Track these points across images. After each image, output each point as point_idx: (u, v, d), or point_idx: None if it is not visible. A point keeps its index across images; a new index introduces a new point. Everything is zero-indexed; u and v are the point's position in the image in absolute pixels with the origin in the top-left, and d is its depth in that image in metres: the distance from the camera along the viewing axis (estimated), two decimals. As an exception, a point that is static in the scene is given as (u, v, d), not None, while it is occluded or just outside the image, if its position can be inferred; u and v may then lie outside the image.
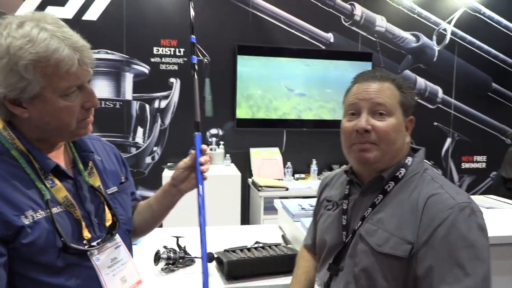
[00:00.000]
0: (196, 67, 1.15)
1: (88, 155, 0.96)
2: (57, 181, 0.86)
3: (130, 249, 1.01)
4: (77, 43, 0.81)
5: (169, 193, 1.10)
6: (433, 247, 0.83)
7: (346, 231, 1.01)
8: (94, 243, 0.89)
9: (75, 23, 3.48)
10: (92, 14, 3.57)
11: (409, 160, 0.97)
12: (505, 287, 1.87)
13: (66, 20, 0.87)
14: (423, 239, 0.85)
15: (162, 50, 3.74)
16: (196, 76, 1.15)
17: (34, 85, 0.78)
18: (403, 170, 0.95)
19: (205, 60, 1.21)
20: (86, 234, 0.87)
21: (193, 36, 1.18)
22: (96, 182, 0.95)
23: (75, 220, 0.86)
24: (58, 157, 0.91)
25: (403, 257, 0.86)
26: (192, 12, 1.22)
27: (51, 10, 3.46)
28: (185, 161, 1.07)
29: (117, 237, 0.95)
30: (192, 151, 1.08)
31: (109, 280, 0.89)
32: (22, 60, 0.76)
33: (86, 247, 0.87)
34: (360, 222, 0.97)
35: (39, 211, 0.80)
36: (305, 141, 4.07)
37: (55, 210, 0.83)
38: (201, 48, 1.02)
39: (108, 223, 0.94)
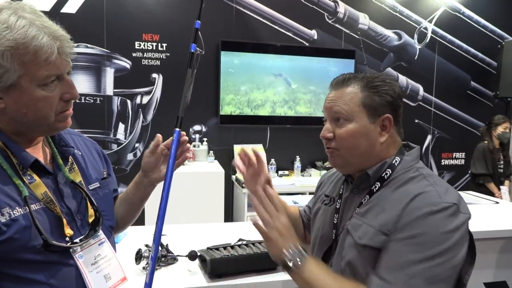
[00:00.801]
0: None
1: (67, 150, 0.93)
2: (36, 177, 0.83)
3: (113, 246, 0.99)
4: (57, 32, 0.80)
5: (141, 185, 1.08)
6: (402, 232, 0.84)
7: (336, 230, 1.01)
8: (77, 240, 0.86)
9: (53, 15, 3.29)
10: (71, 7, 3.47)
11: (396, 160, 0.96)
12: (485, 280, 1.92)
13: (43, 13, 0.85)
14: (398, 227, 0.85)
15: (144, 45, 3.67)
16: (191, 68, 1.11)
17: (11, 73, 0.76)
18: (389, 171, 0.95)
19: (199, 51, 1.16)
20: (68, 231, 0.85)
21: (199, 21, 1.11)
22: (77, 177, 0.93)
23: (56, 216, 0.83)
24: (36, 153, 0.88)
25: (379, 248, 0.86)
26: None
27: (28, 1, 3.34)
28: (150, 145, 1.05)
29: (101, 233, 0.93)
30: (158, 134, 1.05)
31: (93, 278, 0.87)
32: None
33: (68, 244, 0.84)
34: (348, 221, 0.97)
35: (17, 208, 0.78)
36: (288, 138, 4.08)
37: (33, 207, 0.80)
38: (201, 38, 0.98)
39: (91, 219, 0.91)
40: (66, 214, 0.86)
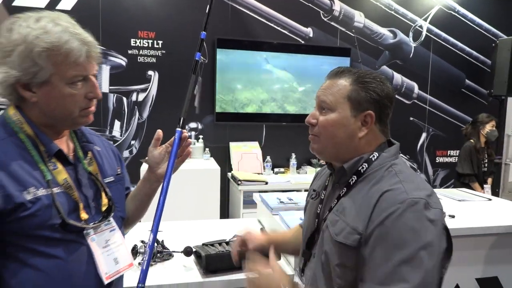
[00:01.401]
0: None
1: (88, 145, 1.05)
2: (58, 165, 0.94)
3: (123, 236, 1.08)
4: (87, 38, 0.92)
5: (147, 181, 1.16)
6: (376, 239, 0.85)
7: (318, 219, 1.05)
8: (91, 224, 0.96)
9: (49, 12, 3.36)
10: (66, 4, 3.46)
11: (374, 155, 0.97)
12: (477, 276, 1.95)
13: (39, 9, 0.90)
14: (370, 230, 0.86)
15: (140, 42, 3.67)
16: (195, 74, 1.19)
17: (45, 71, 0.87)
18: (365, 165, 0.97)
19: (203, 59, 1.30)
20: (83, 215, 0.94)
21: (204, 33, 1.23)
22: (95, 170, 1.03)
23: (73, 201, 0.93)
24: (61, 145, 0.98)
25: (353, 247, 0.88)
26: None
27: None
28: (152, 140, 1.14)
29: (112, 221, 1.02)
30: (159, 130, 1.14)
31: (103, 259, 0.96)
32: (37, 48, 0.85)
33: (83, 225, 0.94)
34: (327, 212, 1.01)
35: (41, 189, 0.88)
36: (284, 135, 4.09)
37: (55, 190, 0.90)
38: (205, 47, 1.01)
39: (104, 208, 1.01)
40: (82, 201, 0.95)
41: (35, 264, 0.87)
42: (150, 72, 3.72)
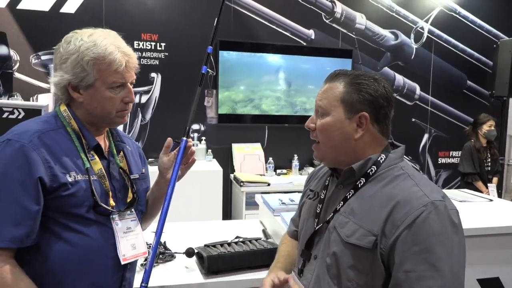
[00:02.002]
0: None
1: (121, 144, 1.20)
2: (96, 156, 1.09)
3: (141, 227, 1.20)
4: (128, 51, 1.09)
5: (158, 184, 1.27)
6: (406, 243, 0.85)
7: (318, 219, 1.04)
8: (116, 210, 1.09)
9: (52, 16, 3.39)
10: (70, 7, 3.49)
11: (382, 157, 0.98)
12: (479, 276, 1.95)
13: (43, 13, 0.93)
14: (395, 235, 0.86)
15: (143, 45, 3.69)
16: (200, 87, 1.31)
17: (91, 77, 1.04)
18: (374, 168, 0.97)
19: (211, 72, 1.43)
20: (112, 202, 1.08)
21: (211, 47, 1.35)
22: (124, 166, 1.18)
23: (104, 189, 1.08)
24: (100, 141, 1.13)
25: (368, 248, 0.89)
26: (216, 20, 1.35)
27: (27, 2, 3.36)
28: (163, 148, 1.26)
29: (134, 212, 1.15)
30: (169, 138, 1.25)
31: (123, 243, 1.10)
32: (86, 57, 1.02)
33: (110, 209, 1.07)
34: (332, 214, 1.00)
35: (80, 174, 1.03)
36: (287, 136, 4.10)
37: (91, 177, 1.05)
38: (212, 61, 1.07)
39: (128, 199, 1.15)
40: (111, 190, 1.10)
41: (67, 238, 1.00)
42: (153, 74, 3.74)
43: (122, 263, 1.08)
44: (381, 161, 0.97)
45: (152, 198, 1.30)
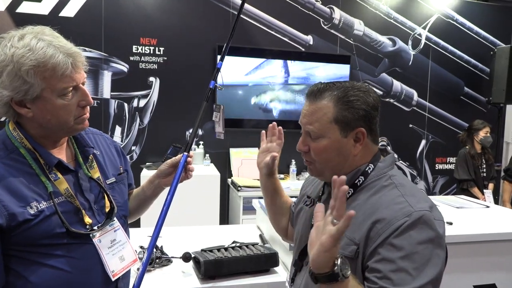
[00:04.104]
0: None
1: (88, 150, 1.08)
2: (59, 175, 0.97)
3: (127, 232, 1.14)
4: (70, 50, 0.93)
5: (152, 184, 1.24)
6: (386, 249, 0.85)
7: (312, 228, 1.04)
8: (95, 227, 1.00)
9: (52, 19, 3.40)
10: (70, 11, 3.50)
11: (370, 167, 0.97)
12: (475, 283, 1.95)
13: (42, 17, 0.93)
14: (376, 244, 0.86)
15: (142, 49, 3.70)
16: (207, 102, 1.29)
17: (36, 88, 0.89)
18: (361, 178, 0.96)
19: (219, 87, 1.37)
20: (87, 219, 0.99)
21: (221, 62, 1.32)
22: (96, 174, 1.07)
23: (75, 208, 0.98)
24: (61, 153, 1.02)
25: (350, 257, 0.88)
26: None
27: (27, 6, 3.37)
28: (169, 162, 1.23)
29: (115, 221, 1.07)
30: (178, 156, 1.22)
31: (109, 259, 1.02)
32: (24, 66, 0.87)
33: (88, 230, 0.98)
34: None
35: (43, 202, 0.92)
36: (284, 141, 4.09)
37: (57, 200, 0.94)
38: (220, 75, 1.07)
39: (107, 210, 1.06)
40: (84, 206, 1.00)
41: (51, 264, 0.92)
42: (151, 79, 3.75)
43: (113, 279, 1.02)
44: (369, 171, 0.97)
45: (142, 197, 1.26)
